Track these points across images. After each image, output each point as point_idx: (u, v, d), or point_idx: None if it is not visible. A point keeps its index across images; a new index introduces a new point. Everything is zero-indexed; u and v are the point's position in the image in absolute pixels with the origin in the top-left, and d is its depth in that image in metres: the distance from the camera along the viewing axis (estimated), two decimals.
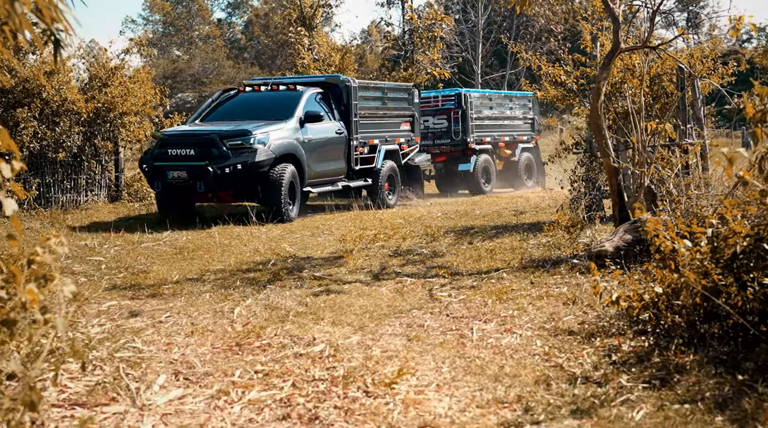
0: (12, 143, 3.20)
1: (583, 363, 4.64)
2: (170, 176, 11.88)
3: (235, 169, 11.59)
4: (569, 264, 7.58)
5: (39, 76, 13.44)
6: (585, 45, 11.19)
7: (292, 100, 13.14)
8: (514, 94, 21.08)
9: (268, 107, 13.13)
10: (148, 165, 12.26)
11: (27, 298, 3.22)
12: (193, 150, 11.81)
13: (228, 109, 13.63)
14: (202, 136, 12.00)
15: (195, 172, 11.73)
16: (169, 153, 11.95)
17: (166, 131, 12.89)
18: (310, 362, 4.85)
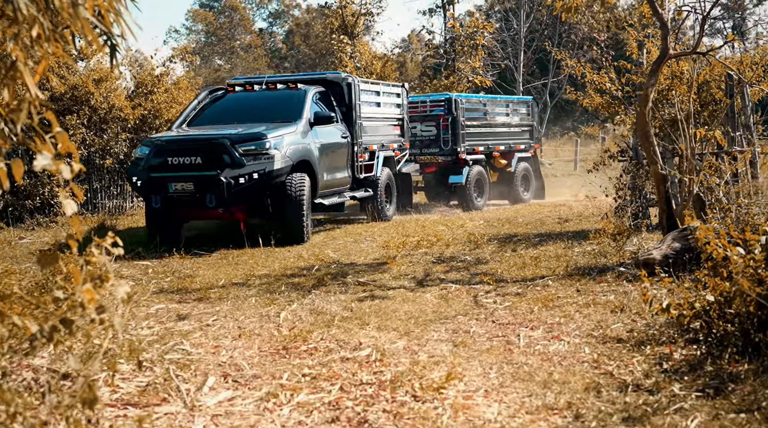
0: (71, 145, 3.27)
1: (634, 371, 4.58)
2: (172, 189, 10.10)
3: (251, 179, 9.92)
4: (616, 272, 7.49)
5: (88, 83, 13.69)
6: (631, 52, 11.09)
7: (296, 100, 11.51)
8: (512, 99, 19.35)
9: (266, 108, 11.53)
10: (142, 177, 10.30)
11: (85, 298, 3.29)
12: (199, 158, 10.02)
13: (218, 111, 11.80)
14: (210, 141, 10.14)
15: (204, 183, 9.96)
16: (170, 162, 10.15)
17: (162, 136, 10.81)
18: (357, 366, 4.86)
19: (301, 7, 63.64)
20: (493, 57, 30.97)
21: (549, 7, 28.01)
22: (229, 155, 10.01)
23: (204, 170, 10.03)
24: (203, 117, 11.71)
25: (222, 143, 10.08)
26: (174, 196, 10.17)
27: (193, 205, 10.22)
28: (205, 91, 12.32)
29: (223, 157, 10.01)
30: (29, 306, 4.15)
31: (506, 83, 33.17)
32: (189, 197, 10.12)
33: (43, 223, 13.03)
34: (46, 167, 3.14)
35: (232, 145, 10.06)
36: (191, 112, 11.80)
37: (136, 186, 10.56)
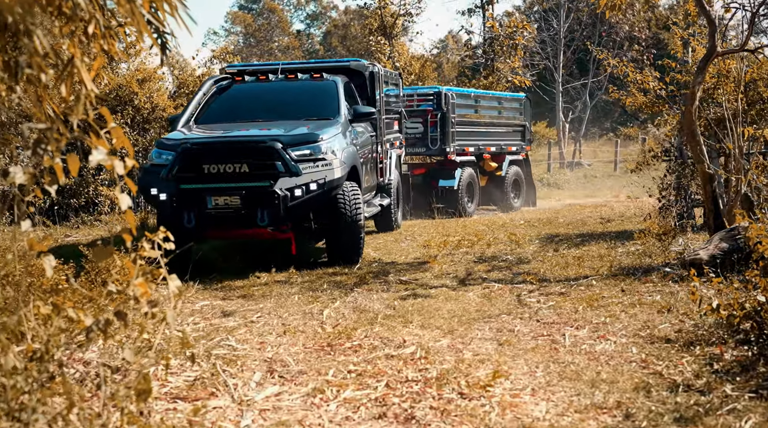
0: (126, 140, 3.31)
1: (684, 371, 4.52)
2: (212, 204, 8.07)
3: (308, 190, 8.10)
4: (661, 273, 7.40)
5: (132, 83, 13.88)
6: (675, 50, 10.95)
7: (328, 92, 9.67)
8: (504, 96, 17.51)
9: (291, 102, 9.67)
10: (167, 189, 8.17)
11: (138, 291, 3.33)
12: (246, 165, 8.09)
13: (231, 105, 9.78)
14: (257, 144, 8.19)
15: (254, 196, 8.06)
16: (206, 171, 8.11)
17: (190, 137, 8.60)
18: (402, 363, 4.86)
19: (339, 9, 63.91)
20: (533, 57, 30.79)
21: (591, 6, 27.74)
22: (283, 162, 8.05)
23: (252, 181, 8.07)
24: (213, 112, 9.62)
25: (272, 146, 8.08)
26: (213, 213, 8.11)
27: (238, 223, 8.21)
28: (210, 80, 10.12)
29: (276, 164, 8.06)
30: (81, 300, 4.22)
31: (545, 83, 32.95)
32: (233, 213, 8.08)
33: (88, 221, 13.23)
34: (101, 162, 3.19)
35: (284, 149, 8.13)
36: (199, 106, 9.67)
37: (156, 200, 8.25)
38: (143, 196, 8.53)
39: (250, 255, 9.58)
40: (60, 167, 3.22)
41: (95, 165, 3.15)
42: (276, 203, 8.00)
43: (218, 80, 10.19)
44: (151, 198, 8.35)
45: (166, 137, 8.93)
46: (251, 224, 8.16)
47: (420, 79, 23.72)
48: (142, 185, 8.43)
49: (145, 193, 8.43)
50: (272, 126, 8.83)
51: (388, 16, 23.59)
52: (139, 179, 8.56)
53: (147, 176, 8.49)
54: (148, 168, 8.59)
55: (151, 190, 8.27)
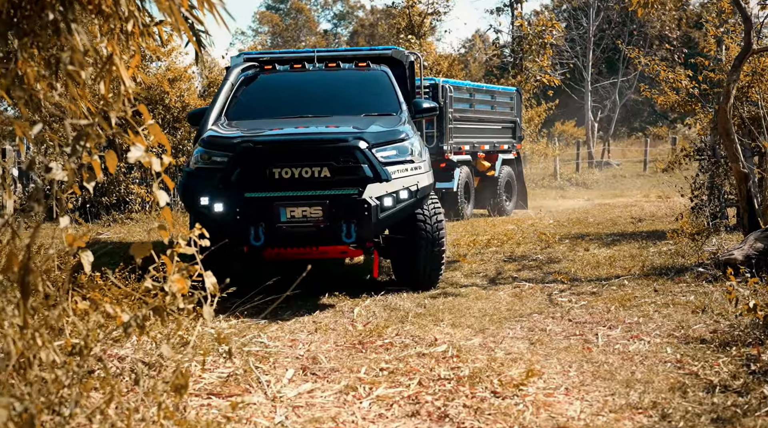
0: (164, 137, 3.34)
1: (720, 372, 4.46)
2: (286, 216, 6.58)
3: (398, 200, 6.73)
4: (694, 273, 7.32)
5: (164, 82, 13.99)
6: (708, 49, 10.83)
7: (381, 84, 8.33)
8: (496, 89, 16.03)
9: (340, 95, 8.30)
10: (226, 199, 6.64)
11: (175, 287, 3.35)
12: (327, 168, 6.63)
13: (266, 97, 8.31)
14: (338, 142, 6.72)
15: (341, 207, 6.58)
16: (277, 175, 6.65)
17: (248, 134, 6.97)
18: (434, 362, 4.85)
19: (366, 9, 64.00)
20: (562, 56, 30.61)
21: (622, 4, 27.51)
22: (370, 165, 6.65)
23: (336, 187, 6.63)
24: (245, 106, 8.07)
25: (358, 146, 6.65)
26: (286, 227, 6.58)
27: (316, 240, 6.68)
28: (237, 68, 8.31)
29: (362, 167, 6.64)
30: (118, 296, 4.26)
31: (574, 83, 32.74)
32: (312, 228, 6.59)
33: (119, 219, 13.37)
34: (139, 158, 3.22)
35: (371, 149, 6.72)
36: (227, 99, 8.01)
37: (209, 212, 6.64)
38: (187, 206, 6.87)
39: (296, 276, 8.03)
40: (98, 164, 3.25)
41: (134, 162, 3.18)
42: (366, 214, 6.53)
43: (245, 69, 8.38)
44: (202, 209, 6.63)
45: (214, 133, 7.07)
46: (333, 241, 6.62)
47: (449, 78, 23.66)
48: (186, 192, 6.84)
49: (192, 202, 6.74)
50: (333, 122, 7.31)
51: (416, 15, 23.57)
52: (182, 186, 6.95)
53: (193, 181, 6.83)
54: (192, 172, 6.93)
55: (200, 199, 6.65)
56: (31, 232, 2.78)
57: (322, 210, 6.56)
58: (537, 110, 24.48)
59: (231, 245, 6.62)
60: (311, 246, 6.74)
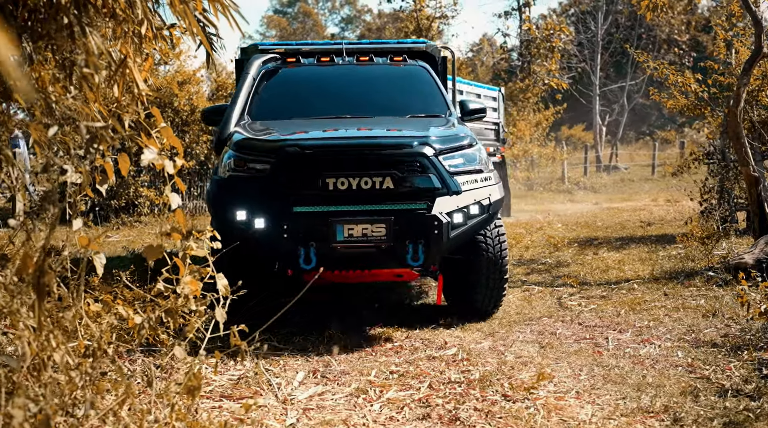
0: (176, 140, 3.35)
1: (732, 376, 4.45)
2: (343, 235, 5.52)
3: (469, 215, 5.75)
4: (704, 277, 7.30)
5: (173, 85, 14.03)
6: (717, 52, 10.80)
7: (421, 81, 7.34)
8: (481, 88, 15.09)
9: (376, 93, 7.29)
10: (272, 213, 5.59)
11: (188, 289, 3.36)
12: (390, 178, 5.58)
13: (293, 94, 7.22)
14: (401, 147, 5.66)
15: (407, 224, 5.55)
16: (332, 186, 5.55)
17: (293, 136, 5.83)
18: (444, 365, 4.85)
19: (373, 12, 64.12)
20: (570, 60, 30.59)
21: (630, 8, 27.44)
22: (438, 175, 5.64)
23: (402, 201, 5.60)
24: (270, 103, 7.03)
25: (424, 153, 5.64)
26: (342, 248, 5.52)
27: (376, 262, 5.69)
28: (258, 60, 7.23)
29: (430, 177, 5.63)
30: (130, 299, 4.27)
31: (582, 86, 32.71)
32: (373, 248, 5.55)
33: (128, 222, 13.41)
34: (152, 161, 3.23)
35: (437, 156, 5.69)
36: (249, 95, 6.93)
37: (248, 228, 5.57)
38: (219, 220, 5.68)
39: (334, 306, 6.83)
40: (111, 167, 3.27)
41: (147, 164, 3.19)
42: (436, 233, 5.52)
43: (267, 62, 7.35)
44: (238, 225, 5.57)
45: (247, 135, 5.98)
46: (397, 263, 5.61)
47: None
48: (218, 204, 5.74)
49: (225, 216, 5.63)
50: (382, 124, 6.36)
51: (423, 18, 23.59)
52: (213, 197, 5.82)
53: (226, 192, 5.73)
54: (224, 181, 5.78)
55: (235, 213, 5.58)
56: (46, 233, 2.80)
57: (385, 228, 5.50)
58: (545, 114, 24.46)
59: (271, 266, 5.88)
60: (367, 269, 5.73)
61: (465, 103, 7.08)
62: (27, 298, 2.89)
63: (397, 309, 6.68)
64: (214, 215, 5.82)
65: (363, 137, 5.89)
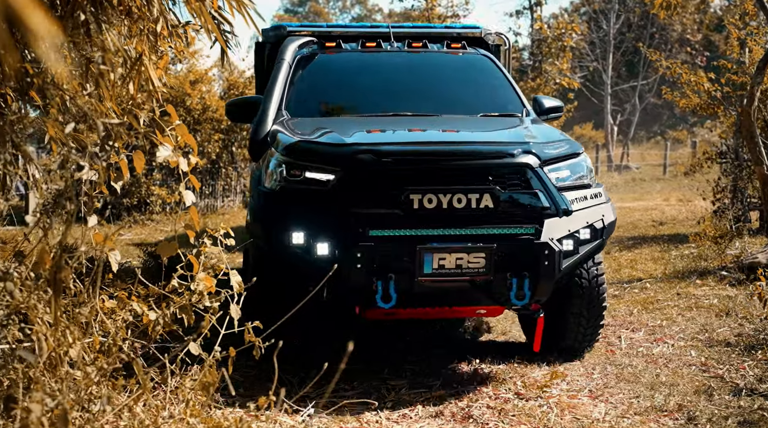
0: (191, 138, 3.37)
1: (746, 375, 4.43)
2: (432, 267, 4.36)
3: (579, 242, 4.61)
4: (717, 276, 7.27)
5: (186, 84, 14.07)
6: (729, 52, 10.76)
7: (487, 73, 6.21)
8: None
9: (435, 85, 6.14)
10: (340, 238, 4.41)
11: (203, 286, 3.38)
12: (489, 195, 4.44)
13: (336, 85, 6.11)
14: (501, 156, 4.59)
15: (511, 254, 4.43)
16: (417, 204, 4.41)
17: (362, 138, 4.82)
18: (457, 362, 4.85)
19: (384, 12, 64.13)
20: (581, 59, 30.52)
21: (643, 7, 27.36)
22: (546, 191, 4.54)
23: (501, 224, 4.46)
24: (311, 97, 5.85)
25: (529, 164, 4.53)
26: (430, 282, 4.39)
27: (469, 299, 4.68)
28: (294, 44, 6.00)
29: (537, 193, 4.51)
30: (144, 295, 4.28)
31: (594, 85, 32.63)
32: (467, 283, 4.42)
33: (140, 220, 13.45)
34: (167, 158, 3.25)
35: (542, 167, 4.59)
36: (285, 86, 5.71)
37: (305, 255, 4.46)
38: (268, 242, 4.58)
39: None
40: (125, 164, 3.29)
41: (162, 161, 3.21)
42: (546, 264, 4.39)
43: (303, 46, 6.14)
44: (294, 250, 4.42)
45: (301, 137, 4.81)
46: (495, 301, 4.54)
47: None
48: (267, 223, 4.61)
49: (276, 238, 4.51)
50: (461, 126, 5.42)
51: (435, 18, 23.57)
52: (259, 213, 4.72)
53: (277, 208, 4.61)
54: (273, 193, 4.63)
55: (290, 234, 4.45)
56: (63, 230, 2.81)
57: (484, 258, 4.34)
58: None
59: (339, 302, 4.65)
60: (456, 306, 4.76)
61: (539, 100, 6.03)
62: (44, 294, 2.91)
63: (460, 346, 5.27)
64: (260, 236, 4.65)
65: (454, 142, 4.88)
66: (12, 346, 2.77)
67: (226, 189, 15.66)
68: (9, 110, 3.09)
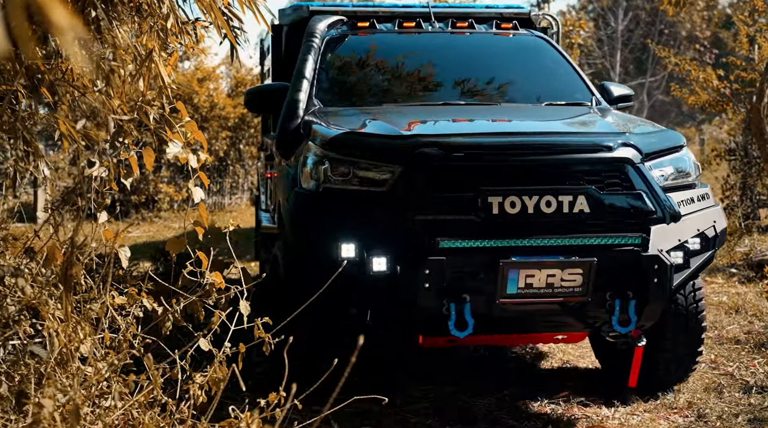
0: (200, 134, 3.37)
1: (756, 373, 4.42)
2: (518, 285, 3.62)
3: (689, 253, 3.86)
4: (726, 273, 7.25)
5: (193, 82, 14.10)
6: (738, 49, 10.72)
7: (543, 57, 5.43)
8: None
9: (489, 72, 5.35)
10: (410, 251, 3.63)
11: (215, 281, 3.38)
12: (584, 197, 3.67)
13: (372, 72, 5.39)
14: (596, 148, 3.83)
15: (613, 269, 3.67)
16: (497, 208, 3.63)
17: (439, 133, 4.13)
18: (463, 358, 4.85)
19: None
20: (589, 56, 30.45)
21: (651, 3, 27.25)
22: (651, 193, 3.82)
23: (599, 232, 3.74)
24: (345, 83, 5.26)
25: (626, 158, 3.82)
26: (513, 304, 3.71)
27: (560, 325, 4.02)
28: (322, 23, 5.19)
29: (641, 195, 3.78)
30: (154, 291, 4.30)
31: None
32: (559, 305, 3.75)
33: (148, 218, 13.50)
34: (177, 155, 3.25)
35: (643, 163, 3.86)
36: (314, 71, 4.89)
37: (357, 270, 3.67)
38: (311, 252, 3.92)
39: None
40: (135, 161, 3.29)
41: (172, 158, 3.21)
42: (656, 282, 3.68)
43: (333, 26, 5.35)
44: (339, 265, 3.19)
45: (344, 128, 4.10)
46: (591, 327, 3.90)
47: None
48: (309, 230, 3.94)
49: (321, 248, 3.82)
50: (530, 116, 4.75)
51: None
52: (296, 218, 4.06)
53: (320, 212, 3.94)
54: (314, 195, 3.95)
55: (338, 245, 3.72)
56: (74, 226, 2.82)
57: (582, 274, 3.61)
58: None
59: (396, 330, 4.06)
60: (543, 332, 4.19)
61: (607, 87, 5.28)
62: (55, 290, 2.92)
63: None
64: (297, 247, 4.01)
65: (540, 133, 4.20)
66: (24, 342, 2.78)
67: (234, 187, 15.69)
68: (20, 107, 3.10)
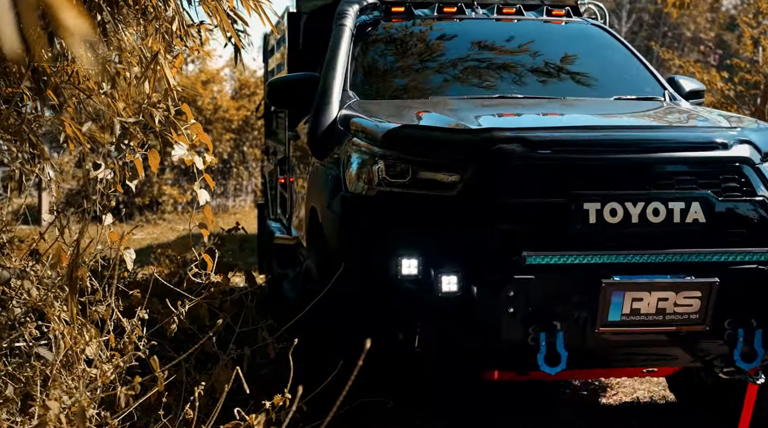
0: (206, 136, 3.39)
1: None
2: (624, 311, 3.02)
3: None
4: None
5: (197, 84, 14.14)
6: (744, 50, 10.73)
7: (604, 47, 4.98)
8: None
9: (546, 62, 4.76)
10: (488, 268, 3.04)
11: (216, 282, 3.39)
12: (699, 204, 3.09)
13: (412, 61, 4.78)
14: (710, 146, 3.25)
15: (737, 291, 3.07)
16: (594, 216, 3.04)
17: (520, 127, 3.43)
18: None
19: None
20: None
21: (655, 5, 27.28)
22: None
23: (715, 247, 3.10)
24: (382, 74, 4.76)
25: (746, 158, 3.21)
26: (615, 333, 3.10)
27: (667, 359, 3.46)
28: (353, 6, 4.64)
29: (764, 203, 3.16)
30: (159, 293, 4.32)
31: None
32: (669, 336, 3.15)
33: (152, 220, 13.53)
34: (182, 157, 3.26)
35: (762, 162, 3.25)
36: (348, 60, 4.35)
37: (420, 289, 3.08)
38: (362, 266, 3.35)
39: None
40: (140, 163, 3.31)
41: (177, 160, 3.22)
42: None
43: (365, 10, 4.81)
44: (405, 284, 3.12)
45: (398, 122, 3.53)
46: (702, 359, 3.36)
47: None
48: (358, 242, 3.42)
49: (375, 267, 3.26)
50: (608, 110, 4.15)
51: None
52: (344, 228, 3.55)
53: (373, 222, 3.40)
54: (365, 200, 3.43)
55: (399, 261, 3.12)
56: (79, 228, 2.83)
57: (700, 298, 3.06)
58: None
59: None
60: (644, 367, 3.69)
61: (677, 81, 4.72)
62: (60, 292, 2.93)
63: None
64: (352, 261, 3.35)
65: (639, 127, 3.70)
66: (29, 344, 2.79)
67: (238, 189, 15.74)
68: (26, 109, 3.11)
